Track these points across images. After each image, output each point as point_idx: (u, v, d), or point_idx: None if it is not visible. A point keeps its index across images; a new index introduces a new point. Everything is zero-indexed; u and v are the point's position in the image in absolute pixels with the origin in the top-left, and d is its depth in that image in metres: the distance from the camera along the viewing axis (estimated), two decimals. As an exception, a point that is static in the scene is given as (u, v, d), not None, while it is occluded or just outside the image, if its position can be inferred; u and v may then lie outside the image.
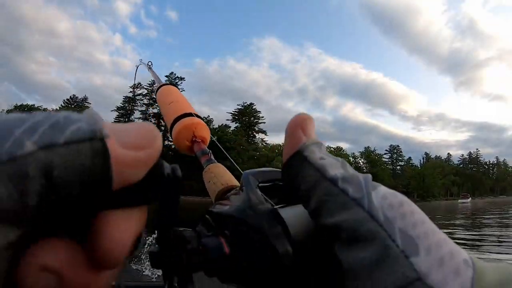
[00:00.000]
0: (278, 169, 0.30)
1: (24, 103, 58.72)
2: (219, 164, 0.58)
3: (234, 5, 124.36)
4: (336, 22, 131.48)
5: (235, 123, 64.30)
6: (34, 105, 58.75)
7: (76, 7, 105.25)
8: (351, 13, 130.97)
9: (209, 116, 64.54)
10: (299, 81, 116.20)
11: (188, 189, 53.24)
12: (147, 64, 1.34)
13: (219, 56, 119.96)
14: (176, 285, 0.24)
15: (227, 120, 65.19)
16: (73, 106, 61.54)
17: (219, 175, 0.54)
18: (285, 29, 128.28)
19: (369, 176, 0.24)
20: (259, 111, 64.75)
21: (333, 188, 0.23)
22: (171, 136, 0.73)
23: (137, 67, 1.84)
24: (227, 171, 0.56)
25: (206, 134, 0.71)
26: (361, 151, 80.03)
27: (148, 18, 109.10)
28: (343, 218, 0.22)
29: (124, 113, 61.39)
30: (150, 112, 61.48)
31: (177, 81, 61.68)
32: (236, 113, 65.13)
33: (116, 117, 61.16)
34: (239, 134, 58.79)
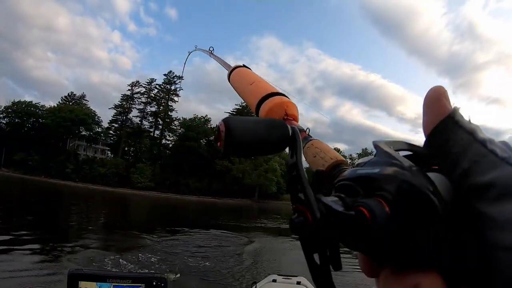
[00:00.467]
0: (403, 140, 0.32)
1: (22, 100, 58.39)
2: (320, 141, 0.60)
3: (234, 4, 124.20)
4: (336, 23, 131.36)
5: (233, 123, 64.20)
6: (31, 101, 58.47)
7: (75, 3, 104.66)
8: (350, 13, 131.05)
9: (207, 115, 64.45)
10: (298, 81, 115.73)
11: (184, 188, 53.09)
12: (209, 50, 1.27)
13: (218, 55, 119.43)
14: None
15: (225, 119, 64.98)
16: (71, 103, 61.33)
17: (325, 150, 0.56)
18: (285, 29, 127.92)
19: (506, 141, 0.26)
20: (257, 111, 64.64)
21: (483, 150, 0.25)
22: (257, 115, 0.74)
23: (190, 53, 1.72)
24: (330, 147, 0.57)
25: (297, 113, 0.73)
26: (358, 152, 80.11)
27: (147, 16, 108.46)
28: (496, 176, 0.24)
29: (122, 111, 61.22)
30: (148, 110, 61.42)
31: (175, 79, 61.58)
32: (234, 112, 64.97)
33: (113, 115, 61.04)
34: (237, 134, 58.60)
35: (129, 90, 62.03)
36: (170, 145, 61.20)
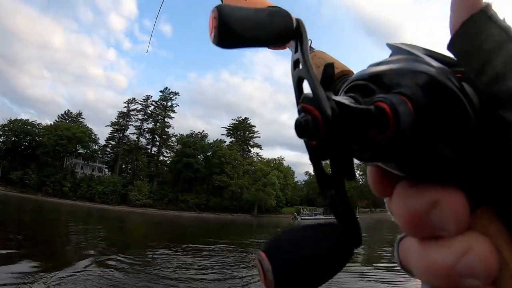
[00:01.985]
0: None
1: (19, 118, 58.15)
2: (324, 51, 0.54)
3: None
4: (329, 34, 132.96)
5: (230, 138, 64.34)
6: (28, 119, 58.23)
7: (70, 21, 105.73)
8: (344, 25, 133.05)
9: (204, 130, 64.58)
10: (293, 93, 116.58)
11: (182, 204, 52.65)
12: None
13: (213, 69, 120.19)
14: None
15: (222, 135, 65.04)
16: (67, 121, 61.25)
17: (330, 60, 0.50)
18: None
19: None
20: (253, 126, 64.87)
21: None
22: None
23: None
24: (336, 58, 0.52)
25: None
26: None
27: (142, 33, 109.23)
28: None
29: (119, 128, 61.15)
30: (145, 127, 61.40)
31: (171, 96, 61.87)
32: (231, 127, 65.08)
33: (110, 132, 60.97)
34: (234, 149, 58.69)
35: (125, 107, 62.16)
36: (168, 162, 60.92)
